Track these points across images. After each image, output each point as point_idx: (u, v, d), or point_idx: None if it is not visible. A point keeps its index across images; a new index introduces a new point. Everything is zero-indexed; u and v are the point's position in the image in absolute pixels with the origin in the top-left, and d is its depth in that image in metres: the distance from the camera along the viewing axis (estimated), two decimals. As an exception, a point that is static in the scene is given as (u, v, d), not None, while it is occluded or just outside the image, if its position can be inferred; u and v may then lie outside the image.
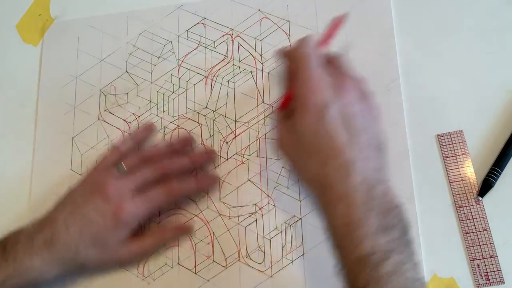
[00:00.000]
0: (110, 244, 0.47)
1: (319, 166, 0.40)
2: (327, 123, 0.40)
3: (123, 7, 0.60)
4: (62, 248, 0.45)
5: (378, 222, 0.37)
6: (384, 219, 0.37)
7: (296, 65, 0.43)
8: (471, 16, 0.54)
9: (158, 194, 0.48)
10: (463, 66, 0.52)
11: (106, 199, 0.46)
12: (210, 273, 0.49)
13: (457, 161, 0.49)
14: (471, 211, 0.47)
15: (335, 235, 0.39)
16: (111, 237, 0.47)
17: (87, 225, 0.46)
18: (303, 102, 0.41)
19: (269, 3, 0.57)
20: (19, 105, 0.59)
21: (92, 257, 0.47)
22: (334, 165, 0.39)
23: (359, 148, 0.39)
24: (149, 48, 0.58)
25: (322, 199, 0.40)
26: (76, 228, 0.45)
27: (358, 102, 0.41)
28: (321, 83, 0.41)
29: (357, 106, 0.41)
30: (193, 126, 0.55)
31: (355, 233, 0.37)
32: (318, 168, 0.40)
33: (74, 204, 0.47)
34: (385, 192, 0.38)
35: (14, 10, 0.63)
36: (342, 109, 0.40)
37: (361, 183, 0.38)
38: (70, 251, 0.46)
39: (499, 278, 0.45)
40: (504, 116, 0.50)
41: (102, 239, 0.46)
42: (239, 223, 0.51)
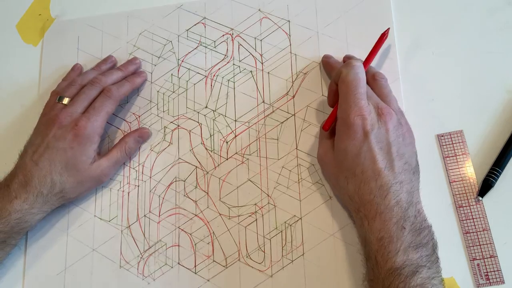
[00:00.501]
0: (80, 164, 0.50)
1: (358, 185, 0.43)
2: (368, 147, 0.43)
3: (123, 7, 0.61)
4: (37, 183, 0.48)
5: (410, 239, 0.40)
6: (416, 238, 0.41)
7: (345, 89, 0.45)
8: (471, 16, 0.54)
9: (101, 100, 0.52)
10: (463, 66, 0.52)
11: (61, 126, 0.50)
12: (210, 273, 0.50)
13: (457, 161, 0.49)
14: (471, 211, 0.47)
15: (370, 248, 0.42)
16: (79, 157, 0.50)
17: (54, 154, 0.49)
18: (349, 125, 0.44)
19: (269, 3, 0.57)
20: (19, 104, 0.59)
21: (68, 182, 0.50)
22: (373, 186, 0.42)
23: (395, 173, 0.43)
24: (149, 48, 0.58)
25: (359, 215, 0.43)
26: (45, 161, 0.49)
27: (397, 129, 0.45)
28: (366, 109, 0.44)
29: (395, 133, 0.44)
30: (193, 126, 0.55)
31: (389, 247, 0.40)
32: (357, 186, 0.43)
33: (34, 144, 0.51)
34: (416, 214, 0.42)
35: (14, 10, 0.63)
36: (382, 135, 0.44)
37: (395, 204, 0.42)
38: (46, 184, 0.49)
39: (499, 278, 0.45)
40: (504, 116, 0.50)
41: (72, 161, 0.49)
42: (239, 223, 0.51)
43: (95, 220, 0.53)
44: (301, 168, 0.51)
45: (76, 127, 0.50)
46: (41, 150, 0.50)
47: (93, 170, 0.51)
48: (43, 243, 0.53)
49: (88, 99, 0.52)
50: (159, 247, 0.51)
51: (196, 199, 0.52)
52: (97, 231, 0.53)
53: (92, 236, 0.53)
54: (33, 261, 0.53)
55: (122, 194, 0.54)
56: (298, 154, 0.52)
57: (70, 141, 0.49)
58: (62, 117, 0.50)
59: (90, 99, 0.52)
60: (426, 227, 0.42)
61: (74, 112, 0.51)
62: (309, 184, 0.50)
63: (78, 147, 0.50)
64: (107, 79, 0.54)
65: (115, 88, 0.53)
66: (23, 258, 0.53)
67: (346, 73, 0.46)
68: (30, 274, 0.52)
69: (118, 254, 0.52)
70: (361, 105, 0.44)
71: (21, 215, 0.48)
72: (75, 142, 0.50)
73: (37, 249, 0.53)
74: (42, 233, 0.53)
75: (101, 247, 0.52)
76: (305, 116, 0.53)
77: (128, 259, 0.51)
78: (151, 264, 0.51)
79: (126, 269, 0.51)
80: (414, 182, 0.44)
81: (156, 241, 0.51)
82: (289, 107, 0.53)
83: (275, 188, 0.51)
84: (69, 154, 0.49)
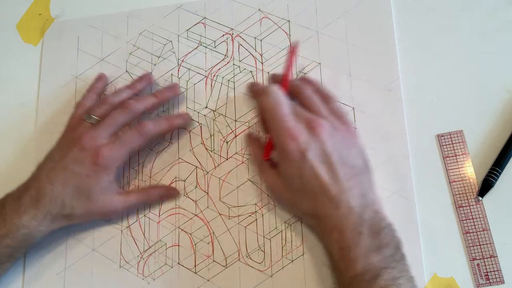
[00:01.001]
0: (93, 193, 0.48)
1: (311, 203, 0.44)
2: (308, 165, 0.43)
3: (123, 7, 0.60)
4: (48, 202, 0.47)
5: (369, 243, 0.40)
6: (375, 240, 0.41)
7: (268, 116, 0.46)
8: (471, 16, 0.54)
9: (131, 134, 0.49)
10: (463, 66, 0.52)
11: (82, 149, 0.48)
12: (210, 273, 0.49)
13: (457, 161, 0.49)
14: (471, 211, 0.47)
15: (332, 260, 0.43)
16: (93, 185, 0.48)
17: (69, 177, 0.48)
18: (283, 150, 0.44)
19: (269, 3, 0.57)
20: (19, 104, 0.59)
21: (77, 208, 0.48)
22: (323, 200, 0.43)
23: (341, 181, 0.43)
24: (149, 48, 0.58)
25: (319, 229, 0.45)
26: (59, 181, 0.48)
27: (333, 137, 0.44)
28: (295, 129, 0.44)
29: (332, 142, 0.44)
30: (193, 126, 0.55)
31: (349, 255, 0.40)
32: (311, 204, 0.44)
33: (53, 160, 0.49)
34: (372, 216, 0.42)
35: (14, 10, 0.63)
36: (319, 149, 0.43)
37: (349, 212, 0.42)
38: (56, 204, 0.47)
39: (499, 278, 0.45)
40: (504, 116, 0.50)
41: (85, 187, 0.48)
42: (239, 223, 0.51)
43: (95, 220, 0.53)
44: (301, 168, 0.51)
45: (97, 155, 0.47)
46: (58, 169, 0.48)
47: (105, 204, 0.49)
48: (43, 243, 0.53)
49: (116, 126, 0.49)
50: (159, 247, 0.51)
51: (196, 199, 0.52)
52: (97, 231, 0.53)
53: (92, 236, 0.53)
54: (33, 261, 0.53)
55: (122, 194, 0.53)
56: (298, 154, 0.52)
57: (87, 168, 0.48)
58: (86, 139, 0.48)
59: (118, 125, 0.49)
60: (386, 227, 0.42)
61: (99, 137, 0.48)
62: (309, 184, 0.50)
63: (93, 175, 0.48)
64: (139, 106, 0.51)
65: (151, 126, 0.50)
66: (23, 258, 0.53)
67: (264, 101, 0.46)
68: (30, 274, 0.52)
69: (118, 254, 0.52)
70: (288, 127, 0.44)
71: (28, 230, 0.47)
72: (92, 170, 0.48)
73: (37, 249, 0.53)
74: (42, 233, 0.53)
75: (101, 247, 0.52)
76: (305, 116, 0.53)
77: (128, 259, 0.51)
78: (151, 264, 0.51)
79: (126, 269, 0.51)
80: (365, 183, 0.44)
81: (156, 241, 0.51)
82: (289, 107, 0.53)
83: (275, 188, 0.51)
84: (84, 181, 0.48)
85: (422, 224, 0.47)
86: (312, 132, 0.44)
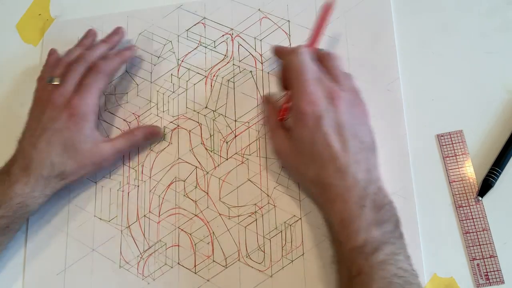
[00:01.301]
0: (78, 144, 0.49)
1: (317, 170, 0.44)
2: (322, 132, 0.43)
3: (123, 7, 0.61)
4: (37, 166, 0.48)
5: (371, 217, 0.41)
6: (376, 214, 0.41)
7: (292, 76, 0.46)
8: (471, 16, 0.54)
9: (92, 77, 0.51)
10: (463, 66, 0.52)
11: (55, 107, 0.49)
12: (210, 273, 0.49)
13: (457, 161, 0.49)
14: (471, 211, 0.47)
15: (333, 230, 0.43)
16: (76, 135, 0.49)
17: (51, 136, 0.49)
18: (300, 113, 0.44)
19: (269, 3, 0.57)
20: (19, 104, 0.59)
21: (68, 164, 0.49)
22: (331, 169, 0.43)
23: (351, 153, 0.43)
24: (149, 48, 0.58)
25: (321, 198, 0.45)
26: (42, 143, 0.48)
27: (349, 110, 0.44)
28: (316, 95, 0.44)
29: (347, 115, 0.44)
30: (193, 126, 0.55)
31: (350, 227, 0.41)
32: (317, 172, 0.44)
33: (31, 128, 0.50)
34: (376, 191, 0.42)
35: (14, 10, 0.63)
36: (335, 119, 0.44)
37: (354, 184, 0.42)
38: (46, 166, 0.48)
39: (499, 278, 0.45)
40: (504, 116, 0.50)
41: (69, 140, 0.49)
42: (239, 223, 0.51)
43: (95, 220, 0.53)
44: (301, 168, 0.51)
45: (69, 106, 0.49)
46: (38, 133, 0.49)
47: (94, 152, 0.50)
48: (43, 243, 0.53)
49: (77, 76, 0.51)
50: (159, 247, 0.51)
51: (196, 199, 0.52)
52: (97, 231, 0.53)
53: (92, 236, 0.53)
54: (33, 261, 0.53)
55: (122, 194, 0.54)
56: (298, 154, 0.52)
57: (65, 121, 0.49)
58: (55, 97, 0.50)
59: (79, 76, 0.51)
60: (387, 203, 0.42)
61: (65, 91, 0.50)
62: (309, 184, 0.50)
63: (74, 126, 0.49)
64: (93, 53, 0.53)
65: (103, 63, 0.52)
66: (23, 258, 0.53)
67: (291, 60, 0.46)
68: (30, 274, 0.52)
69: (118, 254, 0.52)
70: (310, 92, 0.44)
71: (22, 199, 0.48)
72: (71, 122, 0.49)
73: (37, 249, 0.53)
74: (42, 233, 0.53)
75: (101, 247, 0.52)
76: (305, 116, 0.53)
77: (128, 259, 0.51)
78: (151, 264, 0.51)
79: (126, 269, 0.51)
80: (371, 159, 0.44)
81: (156, 241, 0.51)
82: (289, 107, 0.53)
83: (275, 188, 0.51)
84: (66, 135, 0.49)
85: (422, 224, 0.47)
86: (331, 102, 0.44)
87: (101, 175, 0.54)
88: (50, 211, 0.54)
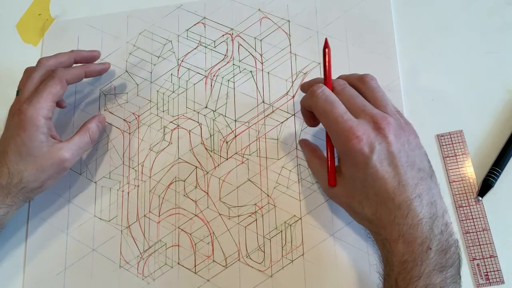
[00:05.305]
0: (34, 150, 0.48)
1: (374, 209, 0.40)
2: (375, 169, 0.39)
3: (123, 7, 0.61)
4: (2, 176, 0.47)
5: (435, 261, 0.37)
6: (441, 258, 0.38)
7: (323, 118, 0.43)
8: (471, 16, 0.54)
9: (46, 82, 0.49)
10: (463, 66, 0.52)
11: (9, 116, 0.50)
12: (210, 273, 0.49)
13: (457, 161, 0.49)
14: (471, 211, 0.47)
15: (390, 269, 0.39)
16: (28, 140, 0.48)
17: (6, 145, 0.48)
18: (347, 152, 0.41)
19: (269, 3, 0.57)
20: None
21: (26, 170, 0.48)
22: (391, 206, 0.39)
23: (410, 187, 0.39)
24: (149, 48, 0.58)
25: (380, 237, 0.40)
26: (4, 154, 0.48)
27: (399, 137, 0.41)
28: (357, 129, 0.40)
29: (399, 143, 0.40)
30: (193, 126, 0.55)
31: (412, 271, 0.37)
32: (374, 209, 0.40)
33: None
34: (443, 229, 0.38)
35: (14, 10, 0.63)
36: (386, 149, 0.40)
37: (418, 222, 0.38)
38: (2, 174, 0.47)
39: (499, 278, 0.45)
40: (504, 116, 0.50)
41: (24, 148, 0.47)
42: (239, 223, 0.51)
43: (95, 220, 0.53)
44: (301, 168, 0.51)
45: (19, 112, 0.48)
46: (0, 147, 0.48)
47: (51, 154, 0.48)
48: (43, 243, 0.53)
49: (34, 83, 0.50)
50: (159, 247, 0.51)
51: (196, 199, 0.52)
52: (97, 231, 0.53)
53: (92, 236, 0.53)
54: (33, 261, 0.53)
55: (122, 194, 0.54)
56: (298, 154, 0.52)
57: (16, 129, 0.48)
58: (12, 107, 0.50)
59: (36, 82, 0.50)
60: (453, 244, 0.38)
61: (21, 98, 0.49)
62: (309, 184, 0.50)
63: (24, 133, 0.47)
64: (50, 59, 0.51)
65: (61, 69, 0.50)
66: (23, 258, 0.53)
67: (315, 104, 0.43)
68: (30, 274, 0.52)
69: (118, 254, 0.52)
70: (350, 127, 0.40)
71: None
72: (21, 129, 0.48)
73: (37, 249, 0.53)
74: (42, 233, 0.53)
75: (101, 247, 0.52)
76: (305, 116, 0.53)
77: (128, 259, 0.51)
78: (151, 264, 0.51)
79: (126, 269, 0.51)
80: (433, 189, 0.40)
81: (156, 241, 0.51)
82: (289, 107, 0.53)
83: (275, 188, 0.51)
84: (18, 142, 0.48)
85: (422, 224, 0.47)
86: (378, 131, 0.40)
87: (101, 175, 0.54)
88: (50, 211, 0.54)
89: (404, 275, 0.37)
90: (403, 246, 0.38)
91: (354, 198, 0.42)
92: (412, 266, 0.37)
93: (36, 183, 0.48)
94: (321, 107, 0.42)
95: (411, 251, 0.37)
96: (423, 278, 0.37)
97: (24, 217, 0.54)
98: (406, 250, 0.38)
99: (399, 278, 0.38)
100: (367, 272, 0.47)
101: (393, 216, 0.39)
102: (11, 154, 0.48)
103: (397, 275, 0.38)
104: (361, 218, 0.43)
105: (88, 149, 0.55)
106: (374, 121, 0.40)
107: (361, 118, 0.41)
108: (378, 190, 0.39)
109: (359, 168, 0.40)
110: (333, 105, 0.42)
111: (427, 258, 0.37)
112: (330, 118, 0.41)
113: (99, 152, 0.55)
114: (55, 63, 0.51)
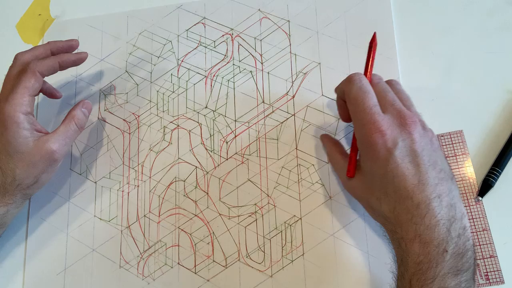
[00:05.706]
0: (20, 146, 0.47)
1: (392, 206, 0.40)
2: (396, 165, 0.39)
3: (123, 7, 0.61)
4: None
5: (451, 264, 0.37)
6: (457, 262, 0.37)
7: (353, 107, 0.42)
8: (471, 16, 0.54)
9: (19, 77, 0.48)
10: (463, 66, 0.52)
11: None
12: (210, 273, 0.49)
13: (457, 161, 0.49)
14: (471, 211, 0.47)
15: (405, 270, 0.38)
16: (13, 140, 0.47)
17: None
18: (369, 145, 0.41)
19: (269, 3, 0.57)
20: (19, 105, 0.59)
21: (17, 167, 0.47)
22: (409, 205, 0.38)
23: (431, 186, 0.38)
24: (149, 48, 0.58)
25: (396, 236, 0.40)
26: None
27: (423, 137, 0.40)
28: (384, 124, 0.40)
29: (422, 142, 0.40)
30: (193, 126, 0.55)
31: (427, 273, 0.37)
32: (392, 206, 0.40)
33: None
34: (461, 232, 0.38)
35: (14, 10, 0.63)
36: (409, 147, 0.40)
37: (436, 223, 0.37)
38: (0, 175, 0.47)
39: (499, 278, 0.45)
40: (504, 116, 0.50)
41: (9, 146, 0.47)
42: (239, 223, 0.51)
43: (95, 220, 0.53)
44: (301, 168, 0.51)
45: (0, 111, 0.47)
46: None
47: (39, 148, 0.47)
48: (43, 243, 0.53)
49: (10, 80, 0.49)
50: (159, 247, 0.51)
51: (196, 199, 0.52)
52: (97, 231, 0.53)
53: (92, 236, 0.53)
54: (33, 261, 0.53)
55: (122, 194, 0.54)
56: (298, 154, 0.52)
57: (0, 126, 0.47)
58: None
59: (13, 79, 0.49)
60: (470, 248, 0.38)
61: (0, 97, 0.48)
62: (309, 184, 0.50)
63: (6, 132, 0.47)
64: (26, 54, 0.50)
65: (34, 62, 0.49)
66: (23, 258, 0.53)
67: (349, 90, 0.43)
68: (30, 274, 0.52)
69: (118, 254, 0.52)
70: (375, 120, 0.40)
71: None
72: (2, 128, 0.47)
73: (37, 249, 0.53)
74: (42, 233, 0.53)
75: (101, 247, 0.52)
76: (305, 116, 0.53)
77: (128, 259, 0.51)
78: (151, 264, 0.51)
79: (126, 269, 0.51)
80: (453, 191, 0.39)
81: (156, 241, 0.51)
82: (289, 107, 0.53)
83: (275, 188, 0.51)
84: (3, 141, 0.47)
85: (422, 224, 0.47)
86: (404, 128, 0.40)
87: (101, 175, 0.54)
88: (50, 211, 0.54)
89: (418, 276, 0.37)
90: (419, 246, 0.37)
91: (372, 194, 0.41)
92: (427, 268, 0.37)
93: (29, 179, 0.48)
94: (354, 94, 0.42)
95: (427, 252, 0.37)
96: (437, 280, 0.36)
97: (24, 217, 0.54)
98: (422, 251, 0.37)
99: (414, 279, 0.37)
100: (367, 272, 0.47)
101: (410, 215, 0.38)
102: (0, 154, 0.47)
103: (412, 276, 0.37)
104: (377, 215, 0.42)
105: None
106: (401, 117, 0.41)
107: (388, 113, 0.41)
108: (397, 187, 0.39)
109: (380, 163, 0.40)
110: (365, 95, 0.42)
111: (442, 260, 0.37)
112: (359, 107, 0.41)
113: (99, 152, 0.55)
114: (31, 57, 0.50)
